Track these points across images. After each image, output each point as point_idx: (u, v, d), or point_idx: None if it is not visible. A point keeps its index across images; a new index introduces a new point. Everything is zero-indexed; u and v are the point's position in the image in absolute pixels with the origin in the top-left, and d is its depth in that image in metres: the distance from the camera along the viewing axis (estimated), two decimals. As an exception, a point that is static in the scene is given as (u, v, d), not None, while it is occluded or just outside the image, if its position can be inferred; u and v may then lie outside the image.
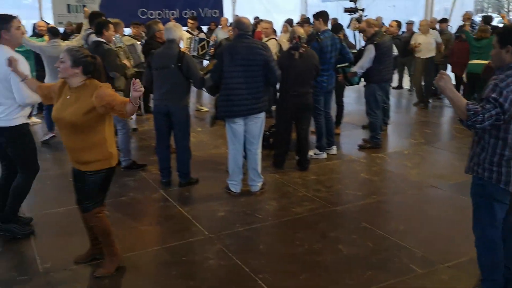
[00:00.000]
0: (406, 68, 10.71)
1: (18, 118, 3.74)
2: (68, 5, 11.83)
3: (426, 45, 8.98)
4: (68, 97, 3.12)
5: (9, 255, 3.74)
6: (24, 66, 3.65)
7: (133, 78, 2.89)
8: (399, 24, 9.14)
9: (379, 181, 5.39)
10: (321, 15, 5.96)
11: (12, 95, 3.65)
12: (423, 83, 9.40)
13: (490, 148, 2.71)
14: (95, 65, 3.15)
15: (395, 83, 10.64)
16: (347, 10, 8.94)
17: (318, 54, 5.62)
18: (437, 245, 3.85)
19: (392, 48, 6.63)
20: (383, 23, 10.52)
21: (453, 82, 9.62)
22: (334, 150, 6.30)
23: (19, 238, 3.92)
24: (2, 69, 3.58)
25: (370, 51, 6.21)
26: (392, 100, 8.54)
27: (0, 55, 3.61)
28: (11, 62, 3.54)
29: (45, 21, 9.00)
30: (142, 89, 2.83)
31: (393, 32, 8.54)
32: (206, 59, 8.62)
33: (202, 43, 7.48)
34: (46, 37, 6.49)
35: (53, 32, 6.61)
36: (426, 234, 4.06)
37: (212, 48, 8.25)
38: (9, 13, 3.86)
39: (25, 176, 3.89)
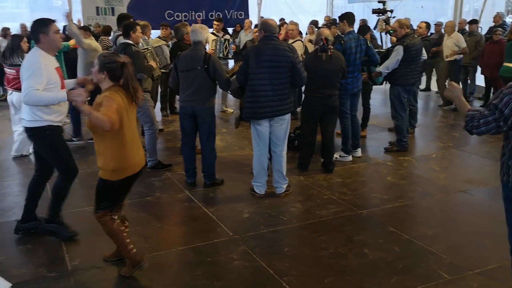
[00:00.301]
0: (434, 70, 10.53)
1: (41, 121, 3.69)
2: (97, 7, 12.06)
3: (451, 47, 8.83)
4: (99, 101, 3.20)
5: (38, 253, 3.82)
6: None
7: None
8: (428, 25, 8.99)
9: (406, 185, 5.31)
10: (346, 17, 5.92)
11: None
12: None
13: (508, 152, 2.65)
14: (123, 71, 3.17)
15: (423, 85, 10.46)
16: (375, 12, 8.83)
17: (344, 54, 5.58)
18: (466, 251, 3.77)
19: (422, 51, 6.50)
20: (411, 25, 10.35)
21: (484, 84, 9.49)
22: (359, 152, 6.23)
23: (53, 237, 3.97)
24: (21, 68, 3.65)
25: (398, 53, 6.11)
26: (420, 103, 8.41)
27: (31, 57, 3.67)
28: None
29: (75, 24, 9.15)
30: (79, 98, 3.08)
31: (422, 33, 8.40)
32: (230, 58, 8.67)
33: (225, 43, 7.55)
34: (72, 41, 6.67)
35: (85, 28, 6.99)
36: (454, 239, 3.97)
37: (233, 45, 8.28)
38: (41, 15, 3.95)
39: (61, 177, 3.91)
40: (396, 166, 5.94)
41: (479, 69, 9.51)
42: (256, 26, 11.69)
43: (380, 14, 8.67)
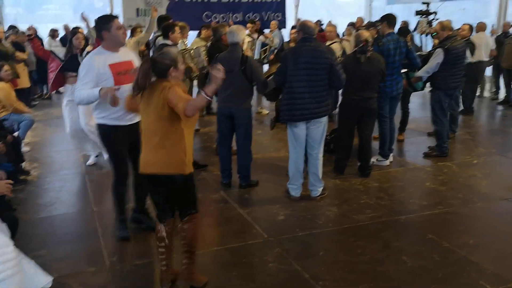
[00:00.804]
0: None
1: (100, 118, 3.76)
2: (137, 9, 12.28)
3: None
4: None
5: (78, 248, 3.91)
6: None
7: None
8: (470, 27, 8.74)
9: (445, 191, 5.16)
10: (386, 18, 5.81)
11: None
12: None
13: None
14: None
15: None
16: (419, 13, 8.65)
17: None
18: (510, 262, 3.63)
19: (465, 54, 6.29)
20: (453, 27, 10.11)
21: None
22: (390, 158, 6.10)
23: (95, 233, 4.08)
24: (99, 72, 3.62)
25: (438, 56, 5.95)
26: (461, 107, 8.17)
27: (87, 57, 3.75)
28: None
29: None
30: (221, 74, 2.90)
31: (465, 35, 8.17)
32: (264, 63, 8.66)
33: (265, 48, 7.55)
34: None
35: None
36: (497, 249, 3.83)
37: (272, 55, 8.27)
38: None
39: (113, 177, 3.95)
40: (436, 171, 5.79)
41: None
42: (293, 27, 11.67)
43: (424, 16, 8.49)
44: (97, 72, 3.60)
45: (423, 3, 8.88)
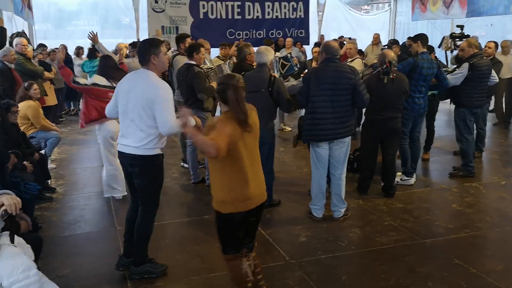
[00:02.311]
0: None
1: (155, 148, 3.50)
2: (162, 27, 12.52)
3: (508, 65, 8.44)
4: None
5: (101, 267, 3.93)
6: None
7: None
8: (496, 45, 8.59)
9: (472, 214, 5.03)
10: (420, 37, 5.77)
11: (155, 123, 3.39)
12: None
13: None
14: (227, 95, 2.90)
15: (490, 106, 9.97)
16: (454, 37, 8.60)
17: (408, 71, 5.49)
18: (541, 291, 3.50)
19: (490, 73, 6.16)
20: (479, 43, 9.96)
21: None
22: (414, 178, 5.99)
23: (118, 253, 3.92)
24: (147, 96, 3.37)
25: (463, 69, 5.88)
26: (488, 125, 8.00)
27: (145, 80, 3.45)
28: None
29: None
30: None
31: (491, 53, 8.02)
32: (287, 75, 8.67)
33: (280, 62, 7.61)
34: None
35: (133, 45, 7.14)
36: (527, 276, 3.70)
37: (295, 58, 8.29)
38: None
39: (145, 212, 3.64)
40: (462, 192, 5.66)
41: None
42: (315, 44, 11.70)
43: (459, 39, 8.41)
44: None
45: (458, 26, 8.82)
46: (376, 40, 11.08)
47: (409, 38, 7.54)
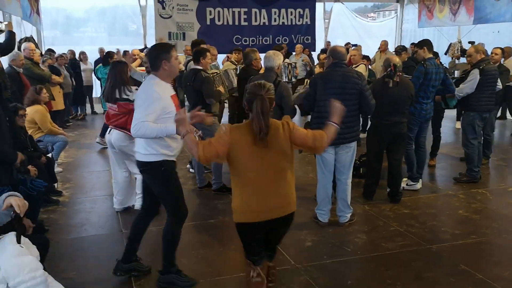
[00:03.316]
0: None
1: (159, 154, 3.39)
2: (169, 33, 12.60)
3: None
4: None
5: (107, 271, 3.92)
6: None
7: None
8: (503, 51, 8.58)
9: (479, 220, 5.00)
10: (425, 43, 5.77)
11: None
12: None
13: None
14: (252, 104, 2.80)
15: (498, 113, 9.93)
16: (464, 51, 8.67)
17: (422, 79, 5.45)
18: (549, 297, 3.46)
19: (497, 78, 6.17)
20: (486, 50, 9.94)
21: None
22: (420, 183, 5.97)
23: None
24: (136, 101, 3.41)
25: (475, 75, 5.87)
26: (496, 132, 7.97)
27: (146, 86, 3.41)
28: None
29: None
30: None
31: (497, 60, 8.01)
32: (294, 82, 8.71)
33: (288, 68, 7.67)
34: None
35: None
36: (535, 283, 3.67)
37: (296, 70, 8.34)
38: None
39: (171, 219, 3.57)
40: (469, 198, 5.63)
41: None
42: (322, 50, 11.72)
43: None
44: (162, 103, 3.31)
45: (469, 42, 8.86)
46: (383, 46, 11.10)
47: (412, 44, 7.51)
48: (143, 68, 7.02)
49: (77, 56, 11.66)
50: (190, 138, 2.80)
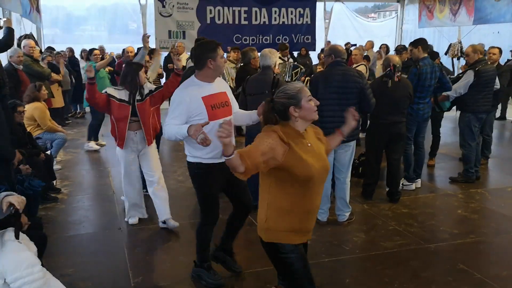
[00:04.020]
0: (511, 98, 9.99)
1: (194, 157, 3.39)
2: (169, 31, 12.58)
3: None
4: (309, 144, 2.55)
5: (104, 267, 3.94)
6: None
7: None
8: (500, 51, 8.56)
9: (478, 220, 5.00)
10: (420, 43, 5.75)
11: None
12: None
13: None
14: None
15: (497, 113, 9.93)
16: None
17: (416, 81, 5.44)
18: (547, 297, 3.46)
19: (495, 79, 6.16)
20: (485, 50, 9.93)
21: None
22: (418, 183, 5.97)
23: (122, 253, 3.99)
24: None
25: (469, 77, 5.87)
26: (494, 132, 7.97)
27: (179, 88, 3.38)
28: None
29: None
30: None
31: (496, 60, 8.00)
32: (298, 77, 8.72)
33: (296, 70, 7.59)
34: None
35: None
36: (533, 283, 3.67)
37: (303, 77, 8.32)
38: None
39: (201, 220, 3.59)
40: (467, 198, 5.63)
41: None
42: (322, 50, 11.71)
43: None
44: (188, 105, 3.24)
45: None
46: (368, 46, 11.09)
47: (410, 44, 7.44)
48: None
49: (78, 54, 11.62)
50: (235, 156, 2.26)
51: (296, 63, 8.84)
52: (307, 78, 7.84)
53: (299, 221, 2.54)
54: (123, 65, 4.76)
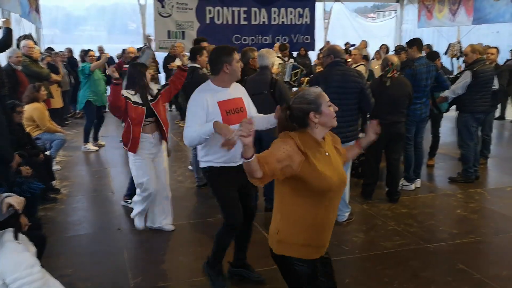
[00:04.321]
0: (510, 98, 9.99)
1: (205, 161, 3.39)
2: (169, 31, 12.60)
3: None
4: (327, 153, 2.38)
5: (103, 268, 3.93)
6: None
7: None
8: (498, 51, 8.56)
9: (477, 219, 5.00)
10: (416, 42, 5.76)
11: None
12: None
13: None
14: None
15: (497, 113, 9.93)
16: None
17: (412, 81, 5.43)
18: (546, 297, 3.47)
19: (493, 79, 6.16)
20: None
21: None
22: (418, 183, 5.98)
23: (121, 254, 4.03)
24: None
25: (466, 77, 5.87)
26: (494, 132, 7.97)
27: (195, 93, 3.35)
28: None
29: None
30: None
31: (494, 59, 8.01)
32: (295, 86, 8.71)
33: (296, 71, 7.57)
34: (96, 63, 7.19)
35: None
36: (532, 282, 3.67)
37: (303, 78, 8.32)
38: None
39: (223, 223, 3.50)
40: (467, 198, 5.63)
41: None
42: (321, 50, 11.72)
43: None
44: (206, 109, 3.22)
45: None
46: (362, 45, 11.09)
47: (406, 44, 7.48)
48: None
49: (77, 54, 11.60)
50: (254, 161, 2.09)
51: (296, 63, 8.83)
52: (306, 79, 7.83)
53: (313, 235, 2.41)
54: (127, 66, 4.72)
